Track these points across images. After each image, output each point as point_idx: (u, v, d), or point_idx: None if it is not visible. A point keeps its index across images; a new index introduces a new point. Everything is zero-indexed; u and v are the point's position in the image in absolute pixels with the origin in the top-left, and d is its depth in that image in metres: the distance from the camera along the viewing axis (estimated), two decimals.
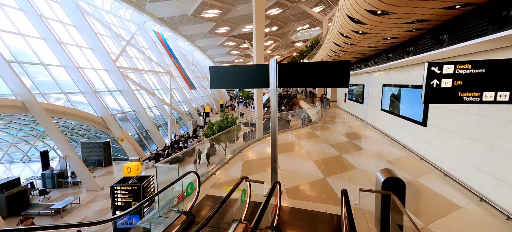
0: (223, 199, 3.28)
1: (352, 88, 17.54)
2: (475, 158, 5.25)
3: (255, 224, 2.68)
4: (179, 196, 4.15)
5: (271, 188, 3.53)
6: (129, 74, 21.24)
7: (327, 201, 4.93)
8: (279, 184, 3.98)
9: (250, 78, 4.66)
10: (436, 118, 6.72)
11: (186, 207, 4.18)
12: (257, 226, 2.67)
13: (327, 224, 4.15)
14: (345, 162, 7.37)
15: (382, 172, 3.47)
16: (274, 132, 4.93)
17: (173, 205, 4.29)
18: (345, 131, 12.52)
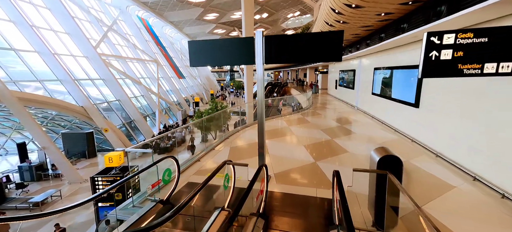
0: (201, 184, 2.91)
1: (343, 74, 17.32)
2: (469, 138, 5.08)
3: (235, 210, 2.33)
4: (153, 184, 3.76)
5: (256, 172, 3.19)
6: (112, 62, 20.21)
7: (318, 185, 4.67)
8: (265, 168, 3.65)
9: (234, 53, 4.22)
10: (429, 99, 6.53)
11: (164, 196, 3.80)
12: (237, 212, 2.33)
13: (318, 208, 3.88)
14: (336, 147, 7.14)
15: (377, 150, 3.18)
16: (260, 116, 4.57)
17: (150, 194, 3.90)
18: (336, 116, 12.33)
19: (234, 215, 2.25)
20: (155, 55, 28.83)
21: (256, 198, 3.18)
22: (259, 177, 3.46)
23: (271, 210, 3.78)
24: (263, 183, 3.54)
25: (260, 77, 4.34)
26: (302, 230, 3.29)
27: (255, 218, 3.20)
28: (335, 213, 3.35)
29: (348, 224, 2.03)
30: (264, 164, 3.53)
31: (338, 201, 3.05)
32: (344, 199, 2.43)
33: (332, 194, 3.51)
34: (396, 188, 2.94)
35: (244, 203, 2.45)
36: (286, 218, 3.55)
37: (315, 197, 4.21)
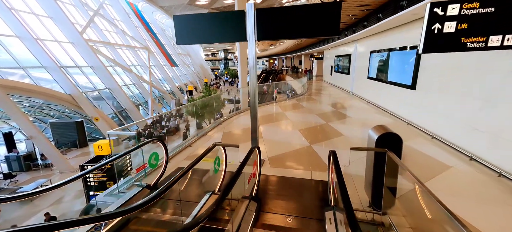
0: (187, 167, 2.71)
1: (339, 60, 17.08)
2: (467, 117, 4.97)
3: (224, 192, 2.15)
4: (138, 168, 3.54)
5: (247, 153, 2.99)
6: (100, 49, 19.46)
7: (313, 168, 4.53)
8: (258, 150, 3.46)
9: (223, 29, 3.93)
10: (426, 79, 6.38)
11: (152, 181, 3.60)
12: (226, 194, 2.14)
13: (313, 191, 3.74)
14: (331, 130, 7.00)
15: (375, 129, 3.00)
16: (253, 99, 4.35)
17: (136, 180, 3.68)
18: (331, 101, 12.19)
19: (222, 197, 2.06)
20: (145, 42, 27.94)
21: (248, 181, 3.01)
22: (251, 160, 3.28)
23: (264, 193, 3.62)
24: (255, 166, 3.36)
25: (252, 55, 4.08)
26: (296, 212, 3.15)
27: (247, 201, 3.04)
28: (331, 194, 3.21)
29: (345, 202, 1.87)
30: (256, 146, 3.34)
31: (334, 182, 2.90)
32: (341, 177, 2.27)
33: (328, 175, 3.36)
34: (394, 167, 2.79)
35: (233, 185, 2.26)
36: (280, 201, 3.41)
37: (310, 179, 4.07)
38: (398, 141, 2.76)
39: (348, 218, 1.67)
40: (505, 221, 3.19)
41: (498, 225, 3.13)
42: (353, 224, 1.58)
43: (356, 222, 1.61)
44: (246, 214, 2.86)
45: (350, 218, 1.67)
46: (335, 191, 2.79)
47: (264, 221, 3.01)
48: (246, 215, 2.85)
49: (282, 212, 3.17)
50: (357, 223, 1.59)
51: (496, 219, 3.22)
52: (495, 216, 3.28)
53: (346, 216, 1.74)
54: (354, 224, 1.57)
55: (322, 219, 3.00)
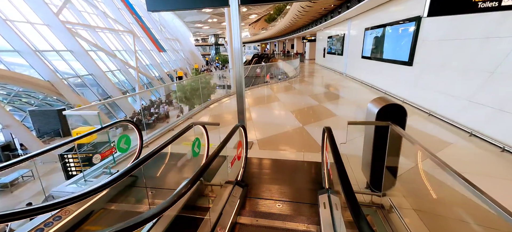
0: (158, 148, 2.29)
1: (332, 40, 16.58)
2: (468, 91, 4.68)
3: (197, 175, 1.75)
4: (103, 152, 3.10)
5: (229, 133, 2.59)
6: (80, 32, 18.27)
7: (305, 149, 4.19)
8: (243, 130, 3.05)
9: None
10: (424, 54, 6.04)
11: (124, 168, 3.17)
12: (198, 177, 1.75)
13: (305, 173, 3.41)
14: (324, 111, 6.66)
15: (375, 101, 2.63)
16: (239, 77, 3.89)
17: (105, 167, 3.25)
18: (324, 83, 11.83)
19: (193, 181, 1.67)
20: (130, 25, 26.53)
21: (231, 164, 2.62)
22: (235, 141, 2.88)
23: (252, 177, 3.26)
24: (240, 147, 2.96)
25: (236, 24, 3.59)
26: (287, 197, 2.82)
27: (230, 186, 2.67)
28: (325, 176, 2.87)
29: (344, 181, 1.51)
30: (241, 125, 2.93)
31: (330, 162, 2.55)
32: (338, 154, 1.90)
33: (322, 155, 3.01)
34: (396, 143, 2.45)
35: (207, 168, 1.87)
36: (269, 185, 3.06)
37: (302, 161, 3.73)
38: (402, 113, 2.40)
39: (348, 200, 1.31)
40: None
41: (508, 202, 2.89)
42: (354, 206, 1.22)
43: (357, 204, 1.25)
44: (229, 200, 2.49)
45: (350, 200, 1.31)
46: (330, 172, 2.45)
47: (251, 207, 2.66)
48: (229, 202, 2.48)
49: (271, 197, 2.83)
50: (358, 205, 1.23)
51: (506, 194, 2.97)
52: (503, 191, 3.04)
53: (345, 197, 1.38)
54: (355, 206, 1.22)
55: (315, 203, 2.67)
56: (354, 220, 1.16)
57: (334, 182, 2.67)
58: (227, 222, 2.28)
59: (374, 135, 2.51)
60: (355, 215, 1.17)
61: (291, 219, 2.48)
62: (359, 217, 1.14)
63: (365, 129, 2.75)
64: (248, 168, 3.55)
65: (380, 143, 2.50)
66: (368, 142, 2.68)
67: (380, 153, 2.52)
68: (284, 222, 2.44)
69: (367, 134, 2.71)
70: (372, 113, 2.53)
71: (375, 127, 2.49)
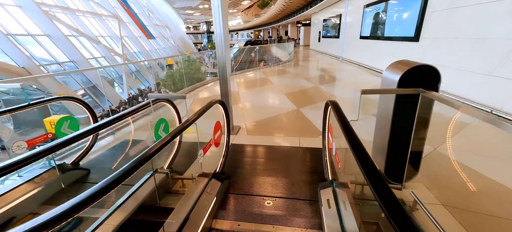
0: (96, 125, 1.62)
1: (327, 23, 15.80)
2: (488, 63, 4.08)
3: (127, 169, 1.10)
4: (32, 140, 2.39)
5: (200, 110, 1.93)
6: (58, 15, 16.98)
7: (302, 133, 3.57)
8: (224, 108, 2.38)
9: None
10: (433, 27, 5.40)
11: (72, 159, 2.50)
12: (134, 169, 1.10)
13: (302, 161, 2.79)
14: (321, 92, 6.04)
15: (394, 67, 1.99)
16: (223, 61, 3.20)
17: None
18: (320, 66, 11.16)
19: (124, 173, 1.01)
20: (115, 9, 25.04)
21: (203, 152, 1.97)
22: (207, 119, 2.22)
23: (236, 168, 2.63)
24: (219, 131, 2.30)
25: (217, 4, 2.87)
26: (279, 191, 2.20)
27: (205, 180, 2.03)
28: (327, 164, 2.26)
29: (367, 166, 0.89)
30: (220, 101, 2.26)
31: (333, 149, 1.93)
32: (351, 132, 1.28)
33: (323, 138, 2.38)
34: (425, 119, 1.84)
35: (154, 154, 1.22)
36: (257, 177, 2.43)
37: (298, 147, 3.11)
38: (434, 77, 1.77)
39: (381, 195, 0.71)
40: None
41: None
42: (393, 205, 0.63)
43: (397, 201, 0.66)
44: (201, 199, 1.86)
45: (384, 195, 0.70)
46: (337, 159, 1.82)
47: (232, 207, 2.03)
48: (201, 200, 1.85)
49: (258, 192, 2.21)
50: (399, 204, 0.64)
51: None
52: None
53: (375, 191, 0.78)
54: (395, 205, 0.62)
55: (315, 200, 2.07)
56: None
57: (340, 172, 2.06)
58: (196, 228, 1.65)
59: (394, 110, 1.88)
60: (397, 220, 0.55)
61: (284, 222, 1.87)
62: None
63: (380, 105, 2.12)
64: (232, 156, 2.91)
65: (402, 120, 1.88)
66: (383, 120, 2.05)
67: (402, 134, 1.91)
68: (274, 227, 1.83)
69: (382, 111, 2.08)
70: (391, 82, 1.89)
71: (395, 100, 1.85)
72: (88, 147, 2.59)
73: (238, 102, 5.41)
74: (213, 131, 2.17)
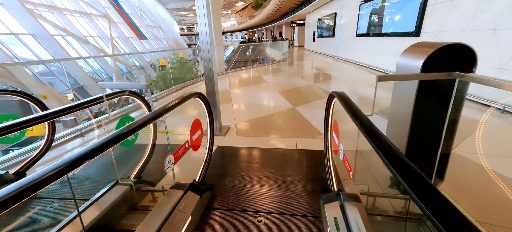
0: None
1: (322, 22, 15.55)
2: (501, 55, 3.76)
3: None
4: None
5: (173, 102, 1.51)
6: (44, 14, 16.32)
7: (298, 134, 3.16)
8: (205, 103, 1.96)
9: None
10: (437, 20, 5.10)
11: (19, 167, 2.04)
12: None
13: (299, 166, 2.38)
14: (318, 91, 5.67)
15: (412, 50, 1.61)
16: (208, 58, 2.80)
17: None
18: (315, 65, 10.83)
19: None
20: (105, 9, 24.37)
21: (174, 158, 1.54)
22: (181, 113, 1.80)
23: (221, 175, 2.21)
24: (198, 130, 1.88)
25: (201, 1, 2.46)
26: (272, 204, 1.79)
27: (179, 193, 1.60)
28: (331, 171, 1.85)
29: (412, 175, 0.49)
30: (198, 94, 1.84)
31: (340, 151, 1.53)
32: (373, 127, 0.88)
33: (325, 140, 1.98)
34: (456, 112, 1.46)
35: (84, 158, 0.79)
36: (246, 188, 2.01)
37: (295, 150, 2.71)
38: (469, 58, 1.38)
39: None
40: None
41: None
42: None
43: None
44: (171, 219, 1.43)
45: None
46: (346, 165, 1.42)
47: (213, 226, 1.61)
48: (171, 221, 1.42)
49: (247, 207, 1.79)
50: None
51: None
52: None
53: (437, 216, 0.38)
54: None
55: (317, 216, 1.66)
56: None
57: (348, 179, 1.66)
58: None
59: (415, 103, 1.49)
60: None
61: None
62: None
63: (395, 98, 1.73)
64: (217, 162, 2.49)
65: (427, 114, 1.49)
66: (399, 116, 1.66)
67: (427, 132, 1.52)
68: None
69: (398, 105, 1.69)
70: (412, 68, 1.50)
71: (418, 90, 1.46)
72: (38, 154, 2.14)
73: (229, 101, 4.99)
74: (190, 131, 1.74)
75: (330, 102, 1.76)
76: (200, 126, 1.88)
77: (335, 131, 1.63)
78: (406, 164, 0.72)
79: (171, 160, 1.48)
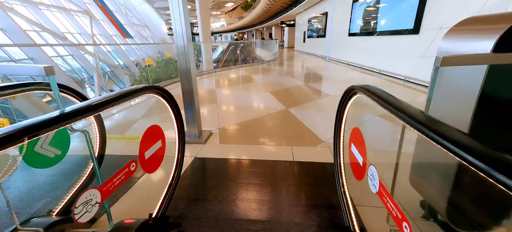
0: None
1: (312, 22, 15.24)
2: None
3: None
4: None
5: (103, 100, 0.93)
6: (16, 7, 15.12)
7: (294, 141, 2.64)
8: (167, 99, 1.38)
9: None
10: (439, 15, 4.75)
11: None
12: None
13: (297, 185, 1.84)
14: (313, 90, 5.19)
15: (465, 29, 1.13)
16: (183, 50, 2.23)
17: None
18: (307, 65, 10.42)
19: None
20: (86, 5, 23.09)
21: (101, 194, 0.96)
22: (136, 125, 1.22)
23: (194, 201, 1.63)
24: (159, 141, 1.30)
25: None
26: None
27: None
28: (346, 201, 1.33)
29: None
30: (157, 88, 1.26)
31: (368, 170, 1.00)
32: None
33: (336, 155, 1.45)
34: None
35: None
36: (227, 222, 1.45)
37: (292, 162, 2.17)
38: None
39: None
40: None
41: None
42: None
43: None
44: None
45: None
46: (386, 200, 0.89)
47: None
48: None
49: None
50: None
51: None
52: None
53: None
54: None
55: None
56: None
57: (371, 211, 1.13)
58: None
59: (479, 102, 0.99)
60: None
61: None
62: None
63: (437, 98, 1.23)
64: (191, 180, 1.91)
65: (499, 109, 1.00)
66: (453, 114, 1.17)
67: (498, 131, 1.03)
68: None
69: (444, 106, 1.20)
70: (475, 49, 1.01)
71: (484, 82, 0.97)
72: None
73: (213, 101, 4.41)
74: (140, 145, 1.16)
75: (345, 102, 1.23)
76: (160, 135, 1.30)
77: (357, 144, 1.11)
78: None
79: (95, 196, 0.90)
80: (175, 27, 2.39)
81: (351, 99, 1.19)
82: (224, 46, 35.94)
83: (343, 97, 1.24)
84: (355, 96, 1.14)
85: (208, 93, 5.31)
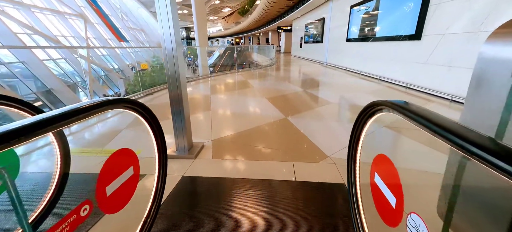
0: None
1: (309, 27, 15.16)
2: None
3: None
4: None
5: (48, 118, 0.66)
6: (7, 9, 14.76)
7: (296, 156, 2.38)
8: (143, 115, 1.11)
9: None
10: (441, 21, 4.59)
11: None
12: None
13: (300, 213, 1.57)
14: (311, 97, 4.97)
15: (507, 28, 0.89)
16: (171, 57, 1.98)
17: None
18: (304, 71, 10.24)
19: None
20: (81, 9, 22.78)
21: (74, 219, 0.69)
22: None
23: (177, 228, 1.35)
24: (130, 168, 1.03)
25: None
26: None
27: None
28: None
29: None
30: (126, 100, 1.00)
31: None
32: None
33: (351, 186, 1.19)
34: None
35: None
36: None
37: (293, 182, 1.91)
38: None
39: None
40: None
41: None
42: None
43: None
44: None
45: None
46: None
47: None
48: None
49: None
50: None
51: None
52: None
53: None
54: None
55: None
56: None
57: None
58: None
59: None
60: None
61: None
62: None
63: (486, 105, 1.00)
64: (178, 204, 1.63)
65: None
66: None
67: None
68: None
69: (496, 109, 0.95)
70: None
71: None
72: None
73: (208, 109, 4.14)
74: (98, 178, 0.89)
75: (365, 119, 0.98)
76: (131, 160, 1.03)
77: (385, 177, 0.85)
78: None
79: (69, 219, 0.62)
80: (162, 29, 2.13)
81: (374, 117, 0.95)
82: (221, 51, 35.92)
83: (362, 114, 0.99)
84: (379, 113, 0.89)
85: (202, 99, 5.05)
